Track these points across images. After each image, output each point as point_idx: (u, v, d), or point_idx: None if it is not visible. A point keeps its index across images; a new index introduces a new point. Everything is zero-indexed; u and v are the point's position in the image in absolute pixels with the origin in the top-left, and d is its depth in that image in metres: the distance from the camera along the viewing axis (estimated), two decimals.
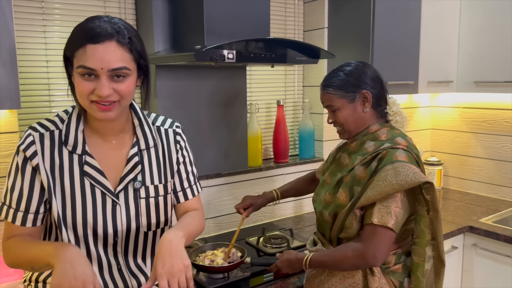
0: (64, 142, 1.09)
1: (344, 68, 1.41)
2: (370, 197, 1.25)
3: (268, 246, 1.79)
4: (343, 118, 1.39)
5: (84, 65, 0.98)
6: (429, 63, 2.28)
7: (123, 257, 1.16)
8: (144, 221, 1.15)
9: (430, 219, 1.31)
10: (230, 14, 1.59)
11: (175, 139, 1.23)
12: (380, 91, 1.40)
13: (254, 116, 2.08)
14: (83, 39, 0.99)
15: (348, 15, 2.13)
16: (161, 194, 1.18)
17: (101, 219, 1.09)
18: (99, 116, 1.04)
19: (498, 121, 2.44)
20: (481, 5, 2.28)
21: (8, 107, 1.21)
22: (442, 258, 1.34)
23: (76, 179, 1.08)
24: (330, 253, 1.33)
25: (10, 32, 1.19)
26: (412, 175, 1.23)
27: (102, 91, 0.99)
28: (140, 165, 1.15)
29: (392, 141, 1.33)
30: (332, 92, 1.38)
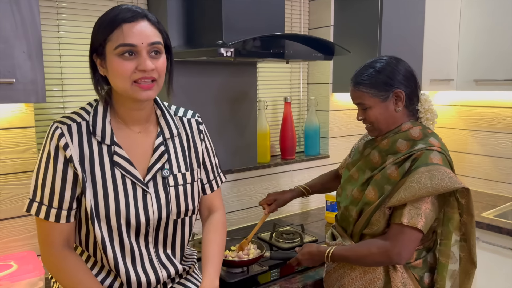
0: (92, 133, 1.08)
1: (375, 64, 1.36)
2: (402, 198, 1.25)
3: (281, 241, 1.81)
4: (374, 116, 1.36)
5: (125, 42, 1.00)
6: (431, 62, 2.33)
7: (154, 247, 1.16)
8: (174, 208, 1.16)
9: (464, 222, 1.31)
10: (247, 10, 1.60)
11: (198, 129, 1.26)
12: (413, 89, 1.36)
13: (262, 112, 2.09)
14: (116, 21, 1.01)
15: (354, 13, 2.16)
16: (188, 182, 1.19)
17: (133, 209, 1.09)
18: (142, 96, 1.05)
19: (496, 118, 2.51)
20: (481, 5, 2.34)
21: (34, 101, 1.19)
22: (474, 260, 1.34)
23: (107, 169, 1.08)
24: (354, 248, 1.33)
25: (37, 26, 1.18)
26: (448, 180, 1.22)
27: (146, 65, 1.01)
28: (167, 154, 1.16)
29: (426, 141, 1.31)
30: (364, 90, 1.34)
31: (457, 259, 1.36)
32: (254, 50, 1.51)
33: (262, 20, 1.65)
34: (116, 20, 1.01)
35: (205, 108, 1.85)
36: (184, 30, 1.72)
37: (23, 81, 1.17)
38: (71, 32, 1.63)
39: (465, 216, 1.31)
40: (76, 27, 1.64)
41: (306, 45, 1.64)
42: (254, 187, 2.10)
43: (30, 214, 1.07)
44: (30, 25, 1.16)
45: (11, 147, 1.43)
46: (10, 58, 1.15)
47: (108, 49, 1.02)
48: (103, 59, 1.05)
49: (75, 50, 1.65)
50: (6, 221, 1.45)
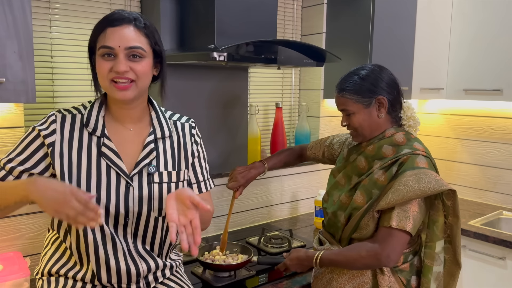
0: (85, 125, 1.15)
1: (359, 72, 1.40)
2: (391, 201, 1.27)
3: (269, 246, 1.81)
4: (358, 122, 1.39)
5: (104, 44, 1.08)
6: (422, 70, 2.36)
7: (132, 239, 1.18)
8: (156, 205, 1.18)
9: (450, 224, 1.34)
10: (240, 15, 1.61)
11: (190, 132, 1.29)
12: (396, 96, 1.41)
13: (253, 117, 2.10)
14: (103, 24, 1.09)
15: (346, 21, 2.19)
16: (173, 181, 1.22)
17: (114, 198, 1.13)
18: (117, 95, 1.11)
19: (484, 128, 2.54)
20: (471, 15, 2.38)
21: (24, 101, 1.19)
22: (459, 261, 1.37)
23: (93, 159, 1.13)
24: (343, 252, 1.35)
25: (29, 26, 1.18)
26: (435, 182, 1.26)
27: (119, 67, 1.07)
28: (155, 152, 1.20)
29: (411, 146, 1.35)
30: (348, 97, 1.38)
31: (441, 261, 1.38)
32: (246, 55, 1.53)
33: (255, 26, 1.66)
34: (103, 24, 1.10)
35: (197, 112, 1.85)
36: (177, 33, 1.73)
37: (13, 81, 1.17)
38: (63, 33, 1.63)
39: (451, 218, 1.34)
40: (68, 28, 1.64)
41: (298, 51, 1.65)
42: (244, 191, 2.09)
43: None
44: (22, 26, 1.17)
45: (0, 146, 1.42)
46: (1, 58, 1.15)
47: (96, 48, 1.10)
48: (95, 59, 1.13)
49: (67, 51, 1.65)
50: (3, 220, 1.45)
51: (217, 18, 1.54)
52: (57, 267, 1.17)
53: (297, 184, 2.33)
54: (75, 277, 1.15)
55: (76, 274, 1.15)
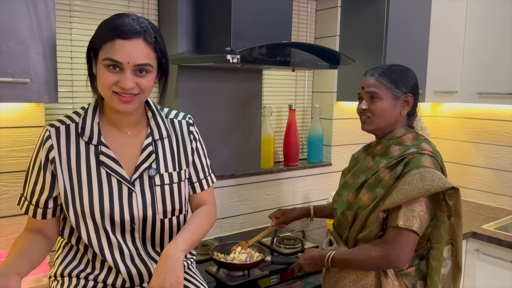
0: (80, 134, 1.14)
1: (400, 67, 1.43)
2: (395, 201, 1.28)
3: (282, 246, 1.83)
4: (381, 109, 1.39)
5: (112, 58, 1.04)
6: (435, 73, 2.36)
7: (141, 243, 1.19)
8: (160, 207, 1.19)
9: (451, 224, 1.34)
10: (255, 18, 1.64)
11: (188, 130, 1.28)
12: (416, 101, 1.44)
13: (267, 119, 2.12)
14: (112, 34, 1.04)
15: (360, 24, 2.20)
16: (175, 181, 1.22)
17: (117, 207, 1.13)
18: (119, 108, 1.09)
19: (498, 131, 2.53)
20: (486, 18, 2.37)
21: (47, 101, 1.22)
22: (460, 264, 1.37)
23: (93, 168, 1.13)
24: (353, 252, 1.35)
25: (52, 28, 1.21)
26: (439, 180, 1.26)
27: (126, 84, 1.05)
28: (154, 154, 1.19)
29: (418, 146, 1.36)
30: (383, 81, 1.39)
31: (447, 263, 1.38)
32: (261, 58, 1.55)
33: (270, 28, 1.69)
34: (113, 32, 1.04)
35: (212, 113, 1.88)
36: (193, 36, 1.76)
37: (37, 81, 1.20)
38: (82, 34, 1.67)
39: (453, 218, 1.34)
40: (88, 30, 1.68)
41: (312, 54, 1.67)
42: (256, 192, 2.12)
43: None
44: (46, 27, 1.20)
45: (22, 145, 1.46)
46: (25, 59, 1.18)
47: (99, 56, 1.07)
48: (96, 61, 1.10)
49: None
50: (15, 218, 1.48)
51: (233, 20, 1.57)
52: (69, 270, 1.19)
53: (310, 186, 2.34)
54: (88, 277, 1.17)
55: (88, 275, 1.17)
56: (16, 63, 1.17)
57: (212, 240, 1.89)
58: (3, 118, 1.42)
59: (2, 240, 1.47)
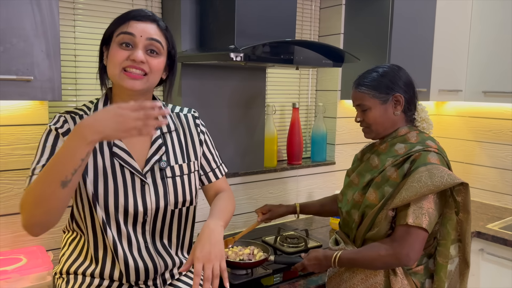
0: None
1: (378, 69, 1.42)
2: (405, 198, 1.28)
3: (285, 245, 1.82)
4: (373, 118, 1.41)
5: (126, 30, 1.08)
6: (440, 72, 2.35)
7: (150, 236, 1.20)
8: (172, 199, 1.20)
9: (460, 220, 1.34)
10: (259, 16, 1.63)
11: (195, 123, 1.31)
12: (412, 96, 1.42)
13: (270, 117, 2.11)
14: (126, 17, 1.10)
15: (364, 22, 2.18)
16: (185, 173, 1.23)
17: (131, 198, 1.14)
18: (127, 84, 1.09)
19: (503, 130, 2.51)
20: (491, 16, 2.36)
21: (50, 99, 1.22)
22: (468, 260, 1.38)
23: (107, 159, 1.14)
24: (362, 251, 1.35)
25: (56, 25, 1.21)
26: (448, 176, 1.26)
27: (137, 55, 1.08)
28: (164, 147, 1.21)
29: (423, 143, 1.36)
30: (365, 91, 1.40)
31: (454, 260, 1.37)
32: (264, 56, 1.54)
33: (274, 27, 1.68)
34: (127, 16, 1.10)
35: (215, 111, 1.87)
36: (197, 34, 1.75)
37: (40, 79, 1.20)
38: (86, 32, 1.67)
39: (462, 214, 1.34)
40: (92, 28, 1.68)
41: (316, 52, 1.66)
42: (260, 191, 2.12)
43: None
44: (50, 25, 1.20)
45: (25, 143, 1.46)
46: (29, 56, 1.18)
47: (113, 38, 1.10)
48: (108, 49, 1.13)
49: (90, 51, 1.68)
50: (18, 215, 1.48)
51: (237, 18, 1.56)
52: (75, 267, 1.19)
53: (313, 185, 2.33)
54: (93, 274, 1.17)
55: (94, 271, 1.17)
56: (20, 61, 1.17)
57: None
58: (6, 115, 1.42)
59: (5, 238, 1.47)
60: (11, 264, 1.35)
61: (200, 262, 1.04)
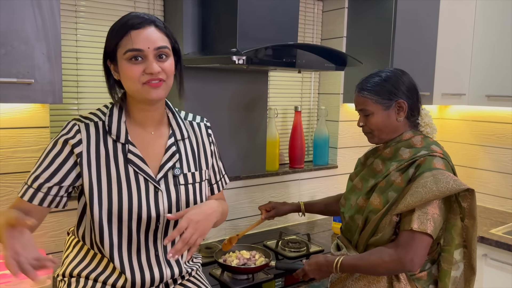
0: (108, 132, 1.14)
1: (381, 73, 1.40)
2: (410, 204, 1.26)
3: (286, 250, 1.81)
4: (375, 124, 1.39)
5: (132, 47, 1.07)
6: (443, 75, 2.33)
7: (161, 244, 1.19)
8: (184, 206, 1.20)
9: (466, 226, 1.33)
10: (261, 19, 1.62)
11: (207, 132, 1.32)
12: (415, 101, 1.40)
13: (272, 120, 2.10)
14: (125, 28, 1.08)
15: (367, 26, 2.18)
16: (197, 181, 1.24)
17: (145, 204, 1.14)
18: (152, 95, 1.11)
19: (507, 135, 2.49)
20: (495, 20, 2.34)
21: (51, 101, 1.22)
22: (474, 266, 1.36)
23: (121, 166, 1.13)
24: (364, 257, 1.33)
25: (57, 28, 1.21)
26: (453, 182, 1.25)
27: (153, 68, 1.08)
28: (178, 154, 1.22)
29: (428, 148, 1.35)
30: (368, 96, 1.38)
31: (459, 266, 1.36)
32: (266, 59, 1.54)
33: (276, 30, 1.67)
34: (125, 27, 1.08)
35: (217, 114, 1.87)
36: (199, 37, 1.75)
37: (41, 81, 1.20)
38: (88, 35, 1.67)
39: (467, 220, 1.32)
40: (93, 30, 1.67)
41: (318, 55, 1.65)
42: (262, 194, 2.11)
43: None
44: (51, 28, 1.20)
45: (26, 146, 1.45)
46: (30, 59, 1.18)
47: (119, 54, 1.10)
48: (115, 64, 1.12)
49: (92, 53, 1.68)
50: None
51: (239, 22, 1.55)
52: (79, 270, 1.18)
53: (315, 188, 2.32)
54: (97, 279, 1.16)
55: (98, 276, 1.16)
56: (21, 64, 1.17)
57: (216, 242, 1.87)
58: (7, 118, 1.41)
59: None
60: None
61: (187, 222, 1.08)
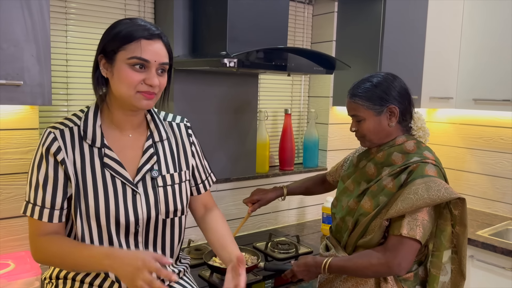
0: (83, 137, 1.13)
1: (373, 78, 1.40)
2: (400, 210, 1.27)
3: (276, 251, 1.82)
4: (367, 129, 1.40)
5: (141, 56, 1.08)
6: (431, 79, 2.36)
7: (143, 247, 1.19)
8: (163, 208, 1.20)
9: (456, 233, 1.34)
10: (252, 22, 1.64)
11: (187, 133, 1.32)
12: (407, 106, 1.41)
13: (263, 123, 2.12)
14: (137, 34, 1.08)
15: (356, 30, 2.20)
16: (176, 182, 1.24)
17: (123, 208, 1.13)
18: (143, 105, 1.12)
19: (494, 138, 2.53)
20: (482, 25, 2.38)
21: (40, 103, 1.22)
22: (464, 272, 1.37)
23: (98, 171, 1.13)
24: (353, 259, 1.34)
25: (47, 30, 1.21)
26: (444, 190, 1.26)
27: (154, 81, 1.10)
28: (156, 156, 1.21)
29: (421, 154, 1.35)
30: (359, 102, 1.39)
31: (447, 271, 1.38)
32: (257, 62, 1.55)
33: (266, 33, 1.69)
34: (135, 33, 1.08)
35: (207, 117, 1.88)
36: (189, 39, 1.76)
37: (30, 83, 1.20)
38: (78, 37, 1.67)
39: (458, 227, 1.34)
40: (84, 32, 1.68)
41: (308, 59, 1.67)
42: None
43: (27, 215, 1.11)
44: (40, 30, 1.20)
45: (15, 147, 1.45)
46: (19, 61, 1.18)
47: (120, 56, 1.08)
48: (110, 63, 1.10)
49: (82, 55, 1.68)
50: (6, 221, 1.47)
51: (229, 25, 1.57)
52: (65, 272, 1.18)
53: None
54: (84, 280, 1.16)
55: (84, 278, 1.16)
56: (10, 65, 1.17)
57: (206, 244, 1.88)
58: None
59: None
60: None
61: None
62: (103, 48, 1.11)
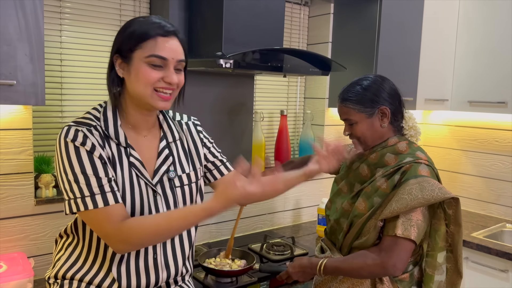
0: (109, 136, 1.11)
1: (362, 82, 1.42)
2: (395, 210, 1.28)
3: (271, 253, 1.82)
4: (361, 132, 1.41)
5: (158, 54, 1.06)
6: (426, 81, 2.37)
7: (161, 247, 1.19)
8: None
9: (451, 233, 1.35)
10: (247, 23, 1.63)
11: (196, 129, 1.31)
12: (397, 106, 1.42)
13: (258, 124, 2.11)
14: (153, 32, 1.07)
15: (352, 31, 2.20)
16: (193, 181, 1.24)
17: (147, 209, 1.13)
18: (159, 105, 1.11)
19: (489, 140, 2.54)
20: (477, 27, 2.39)
21: (34, 103, 1.21)
22: (460, 270, 1.37)
23: (125, 170, 1.12)
24: (348, 260, 1.35)
25: (40, 30, 1.20)
26: (438, 190, 1.27)
27: (173, 78, 1.09)
28: (171, 157, 1.21)
29: (413, 155, 1.37)
30: (350, 106, 1.40)
31: (443, 270, 1.38)
32: (253, 63, 1.55)
33: (262, 34, 1.68)
34: (151, 31, 1.07)
35: (202, 117, 1.85)
36: None
37: (23, 83, 1.19)
38: (73, 37, 1.66)
39: (453, 227, 1.34)
40: (79, 32, 1.66)
41: (304, 60, 1.67)
42: None
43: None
44: (34, 29, 1.19)
45: (8, 148, 1.44)
46: (12, 60, 1.17)
47: (137, 55, 1.07)
48: (127, 62, 1.09)
49: (77, 55, 1.67)
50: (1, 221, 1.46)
51: (225, 25, 1.56)
52: (72, 272, 1.16)
53: (300, 192, 2.33)
54: (92, 281, 1.14)
55: (92, 279, 1.14)
56: (3, 65, 1.16)
57: (201, 246, 1.87)
58: None
59: None
60: None
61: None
62: (119, 48, 1.09)
